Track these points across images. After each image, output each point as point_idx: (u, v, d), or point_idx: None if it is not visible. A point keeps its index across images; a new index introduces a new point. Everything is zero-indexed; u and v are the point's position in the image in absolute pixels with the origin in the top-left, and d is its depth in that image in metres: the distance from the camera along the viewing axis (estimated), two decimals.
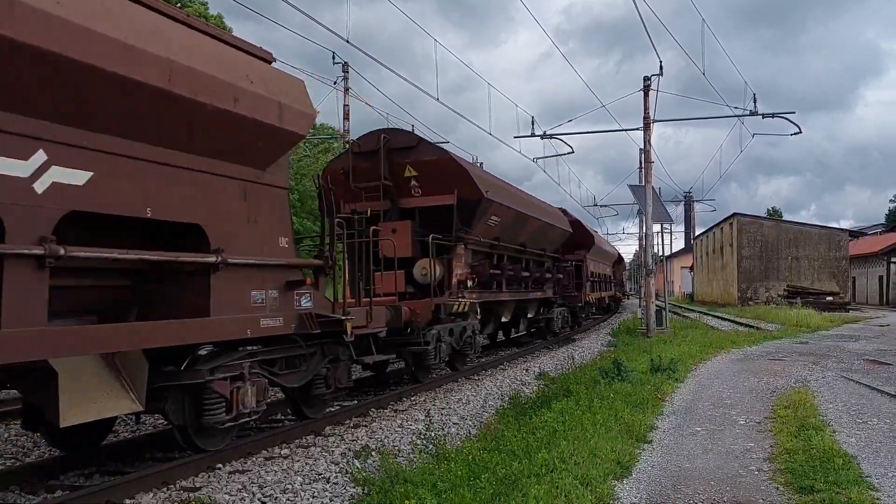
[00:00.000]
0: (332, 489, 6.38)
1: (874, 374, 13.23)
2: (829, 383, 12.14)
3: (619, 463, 6.77)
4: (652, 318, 23.33)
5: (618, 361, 12.58)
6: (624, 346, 19.68)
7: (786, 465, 6.68)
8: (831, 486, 5.89)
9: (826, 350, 18.28)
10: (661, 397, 10.59)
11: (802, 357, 16.52)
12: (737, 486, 6.17)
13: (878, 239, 59.89)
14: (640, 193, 24.85)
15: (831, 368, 14.22)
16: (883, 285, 53.54)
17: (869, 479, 6.24)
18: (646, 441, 7.90)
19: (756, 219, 52.01)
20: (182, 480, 6.54)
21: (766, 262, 48.78)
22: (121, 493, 5.94)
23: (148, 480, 6.29)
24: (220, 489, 6.29)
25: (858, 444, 7.64)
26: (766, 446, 7.59)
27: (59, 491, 6.26)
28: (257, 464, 7.22)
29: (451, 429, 9.14)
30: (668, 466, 6.85)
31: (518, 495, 5.53)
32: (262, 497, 6.10)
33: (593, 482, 6.03)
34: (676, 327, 25.88)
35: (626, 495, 5.94)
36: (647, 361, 13.54)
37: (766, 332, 24.78)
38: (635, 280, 70.29)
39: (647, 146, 23.90)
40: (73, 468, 6.99)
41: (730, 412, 9.60)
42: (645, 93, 23.68)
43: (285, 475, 6.73)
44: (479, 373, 14.45)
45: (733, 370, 14.22)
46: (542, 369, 14.75)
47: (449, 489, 5.80)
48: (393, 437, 8.45)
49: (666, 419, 9.16)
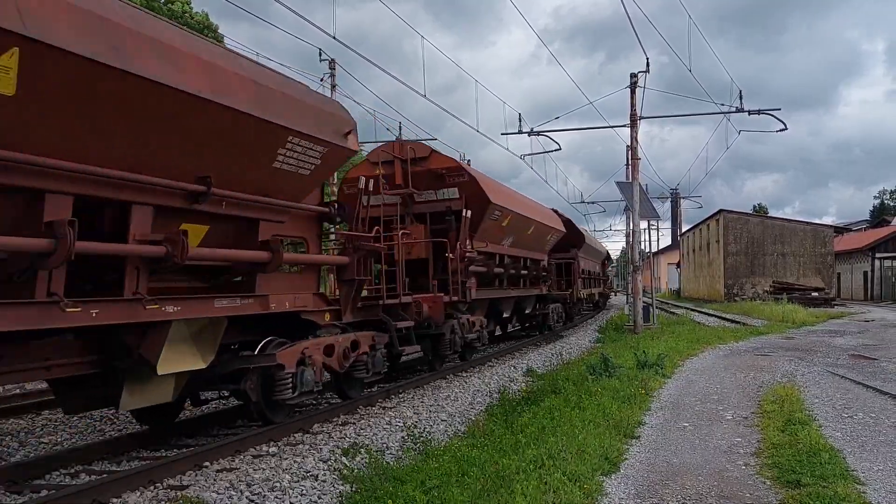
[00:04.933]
0: (320, 487, 6.35)
1: (859, 369, 13.33)
2: (815, 378, 12.22)
3: (607, 458, 6.78)
4: (639, 314, 23.42)
5: (605, 357, 12.62)
6: (611, 342, 19.75)
7: (773, 460, 6.71)
8: (818, 480, 5.93)
9: (812, 345, 18.41)
10: (649, 393, 10.63)
11: (788, 352, 16.63)
12: (724, 480, 6.19)
13: (862, 235, 60.45)
14: (627, 190, 24.91)
15: (817, 363, 14.32)
16: (867, 281, 54.04)
17: (855, 472, 6.28)
18: (633, 437, 7.92)
19: (742, 215, 52.32)
20: (169, 479, 6.49)
21: (752, 258, 49.10)
22: (107, 493, 5.89)
23: (134, 479, 6.24)
24: (208, 487, 6.24)
25: (844, 438, 7.69)
26: (752, 441, 7.63)
27: (45, 491, 6.20)
28: (245, 462, 7.17)
29: (440, 426, 9.14)
30: (656, 462, 6.87)
31: (506, 492, 5.54)
32: (249, 495, 6.06)
33: (582, 478, 6.04)
34: (663, 323, 25.99)
35: (615, 491, 5.95)
36: (634, 357, 13.58)
37: (753, 328, 24.94)
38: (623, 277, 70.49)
39: (634, 143, 23.98)
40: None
41: (717, 407, 9.65)
42: (632, 90, 23.76)
43: (273, 473, 6.69)
44: (468, 370, 14.46)
45: (720, 366, 14.29)
46: (529, 366, 14.77)
47: (437, 486, 5.80)
48: (381, 435, 8.43)
49: (653, 415, 9.19)
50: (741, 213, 53.67)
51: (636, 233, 24.65)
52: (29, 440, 8.44)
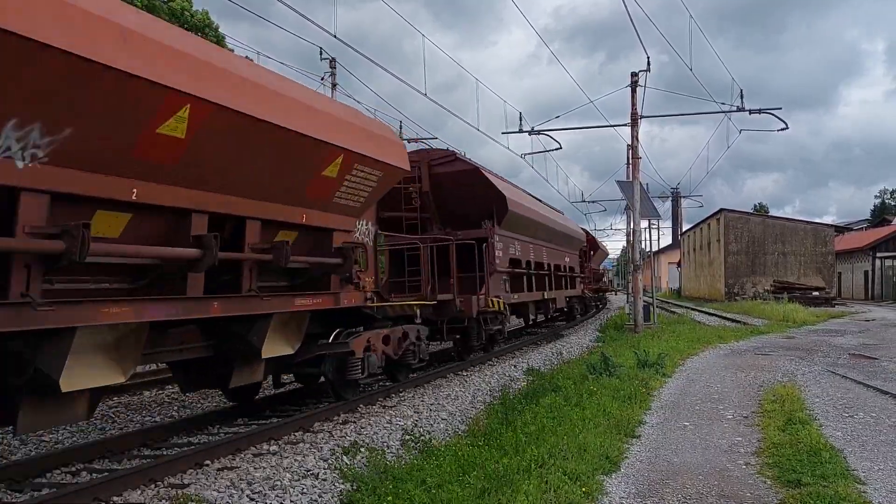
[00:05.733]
0: (321, 485, 6.36)
1: (860, 369, 13.33)
2: (816, 378, 12.22)
3: (608, 458, 6.79)
4: (640, 313, 23.40)
5: (606, 357, 12.62)
6: (612, 341, 19.74)
7: (773, 459, 6.72)
8: (818, 479, 5.93)
9: (812, 345, 18.41)
10: (649, 392, 10.63)
11: (789, 352, 16.63)
12: (725, 479, 6.20)
13: (863, 234, 60.43)
14: (627, 189, 24.88)
15: (818, 363, 14.33)
16: (868, 280, 54.02)
17: (855, 472, 6.29)
18: (634, 436, 7.93)
19: (743, 214, 52.29)
20: (170, 477, 6.50)
21: (753, 257, 49.08)
22: (108, 491, 5.90)
23: (135, 478, 6.24)
24: (209, 486, 6.25)
25: (845, 437, 7.70)
26: (753, 440, 7.64)
27: (46, 489, 6.21)
28: (245, 460, 7.18)
29: (440, 424, 9.14)
30: (657, 461, 6.88)
31: (508, 490, 5.54)
32: (250, 493, 6.07)
33: (582, 477, 6.05)
34: (664, 323, 25.98)
35: (615, 490, 5.95)
36: (634, 357, 13.58)
37: (753, 327, 24.94)
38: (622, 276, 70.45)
39: (635, 142, 23.96)
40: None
41: (717, 407, 9.65)
42: (633, 89, 23.73)
43: (274, 471, 6.69)
44: (468, 368, 14.46)
45: (721, 365, 14.30)
46: (530, 365, 14.77)
47: (438, 485, 5.80)
48: (382, 434, 8.43)
49: (654, 414, 9.19)
50: (742, 212, 53.65)
51: (637, 232, 24.65)
52: (30, 438, 8.45)
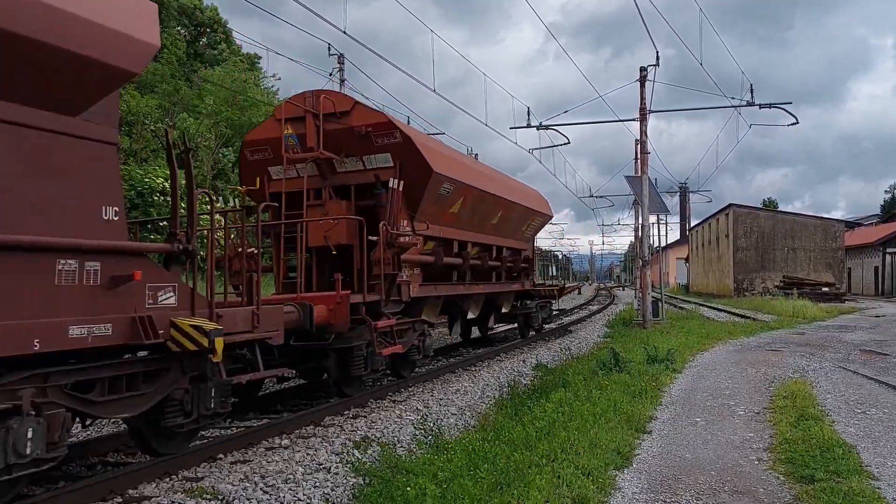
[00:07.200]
0: (333, 479, 6.39)
1: (871, 365, 13.28)
2: (827, 373, 12.19)
3: (620, 453, 6.79)
4: (648, 309, 23.36)
5: (615, 352, 12.61)
6: (620, 337, 19.70)
7: (785, 455, 6.71)
8: (831, 475, 5.93)
9: (823, 341, 18.35)
10: (659, 388, 10.62)
11: (800, 348, 16.58)
12: (737, 475, 6.19)
13: (873, 230, 60.07)
14: (636, 184, 24.82)
15: (828, 359, 14.28)
16: (878, 276, 53.74)
17: (869, 468, 6.28)
18: (645, 431, 7.93)
19: (752, 209, 52.10)
20: (184, 471, 6.54)
21: (762, 252, 48.91)
22: (123, 484, 5.95)
23: (150, 471, 6.29)
24: (223, 479, 6.29)
25: (857, 433, 7.68)
26: (765, 436, 7.62)
27: (62, 482, 6.26)
28: (258, 454, 7.22)
29: (450, 419, 9.16)
30: (669, 456, 6.88)
31: (520, 485, 5.55)
32: (264, 487, 6.10)
33: (594, 472, 6.06)
34: (672, 318, 25.94)
35: (628, 485, 5.96)
36: (643, 352, 13.57)
37: (763, 323, 24.87)
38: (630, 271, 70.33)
39: (644, 136, 23.90)
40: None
41: (728, 402, 9.64)
42: (641, 83, 23.66)
43: (287, 465, 6.74)
44: (477, 364, 14.48)
45: (731, 361, 14.27)
46: (539, 360, 14.77)
47: (450, 479, 5.82)
48: (392, 428, 8.46)
49: (665, 410, 9.19)
50: (751, 207, 53.43)
51: (645, 227, 24.59)
52: None
